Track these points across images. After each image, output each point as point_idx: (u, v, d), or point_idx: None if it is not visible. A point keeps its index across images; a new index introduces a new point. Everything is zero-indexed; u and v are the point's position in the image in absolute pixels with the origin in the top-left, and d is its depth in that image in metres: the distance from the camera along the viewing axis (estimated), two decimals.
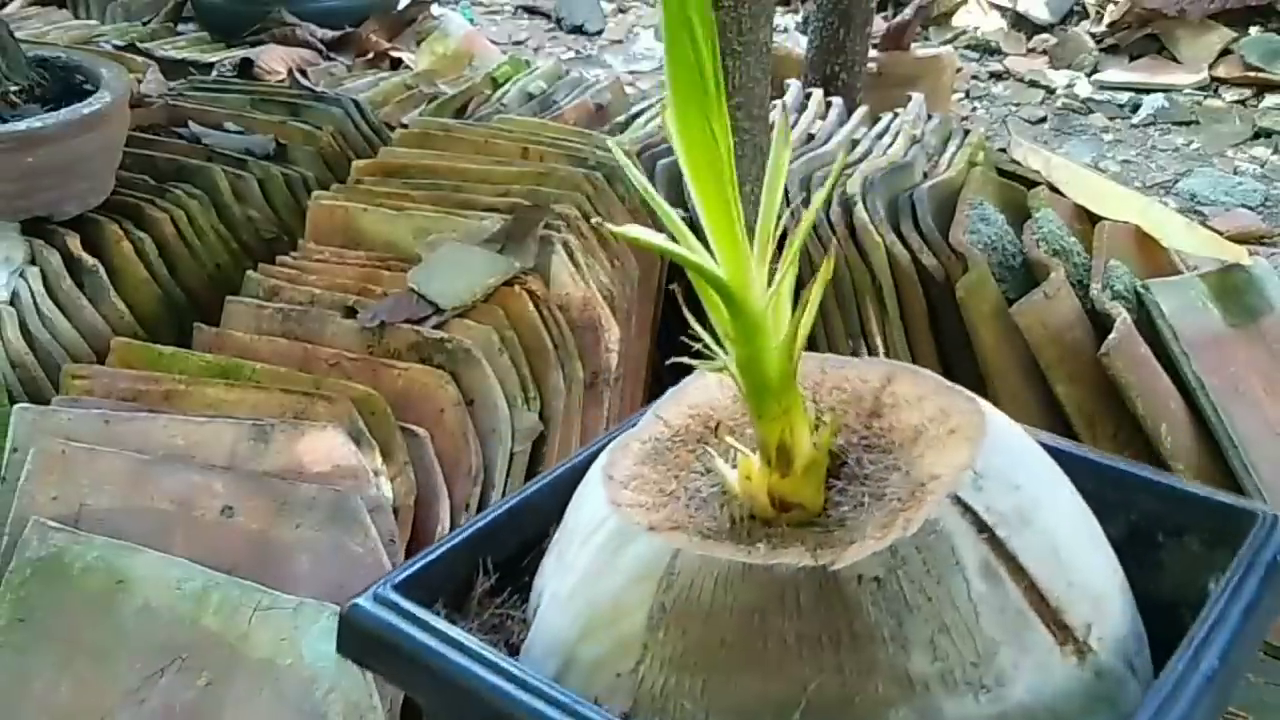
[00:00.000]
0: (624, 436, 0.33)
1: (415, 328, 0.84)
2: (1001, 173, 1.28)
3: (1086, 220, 1.19)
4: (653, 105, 1.42)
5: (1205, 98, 2.60)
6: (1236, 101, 2.57)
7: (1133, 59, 2.75)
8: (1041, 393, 1.09)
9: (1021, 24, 2.92)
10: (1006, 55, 2.85)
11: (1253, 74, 2.59)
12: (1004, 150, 1.51)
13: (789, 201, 1.19)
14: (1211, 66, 2.65)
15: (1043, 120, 2.57)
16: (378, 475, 0.73)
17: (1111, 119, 2.56)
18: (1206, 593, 0.31)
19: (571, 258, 0.94)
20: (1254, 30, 2.69)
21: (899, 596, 0.26)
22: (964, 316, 1.07)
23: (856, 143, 1.32)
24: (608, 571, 0.29)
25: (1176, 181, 2.27)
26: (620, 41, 3.02)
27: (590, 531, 0.30)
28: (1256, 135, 2.44)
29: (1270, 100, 2.55)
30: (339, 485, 0.71)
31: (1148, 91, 2.61)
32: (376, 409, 0.76)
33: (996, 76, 2.78)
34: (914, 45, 2.14)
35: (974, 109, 2.64)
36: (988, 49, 2.88)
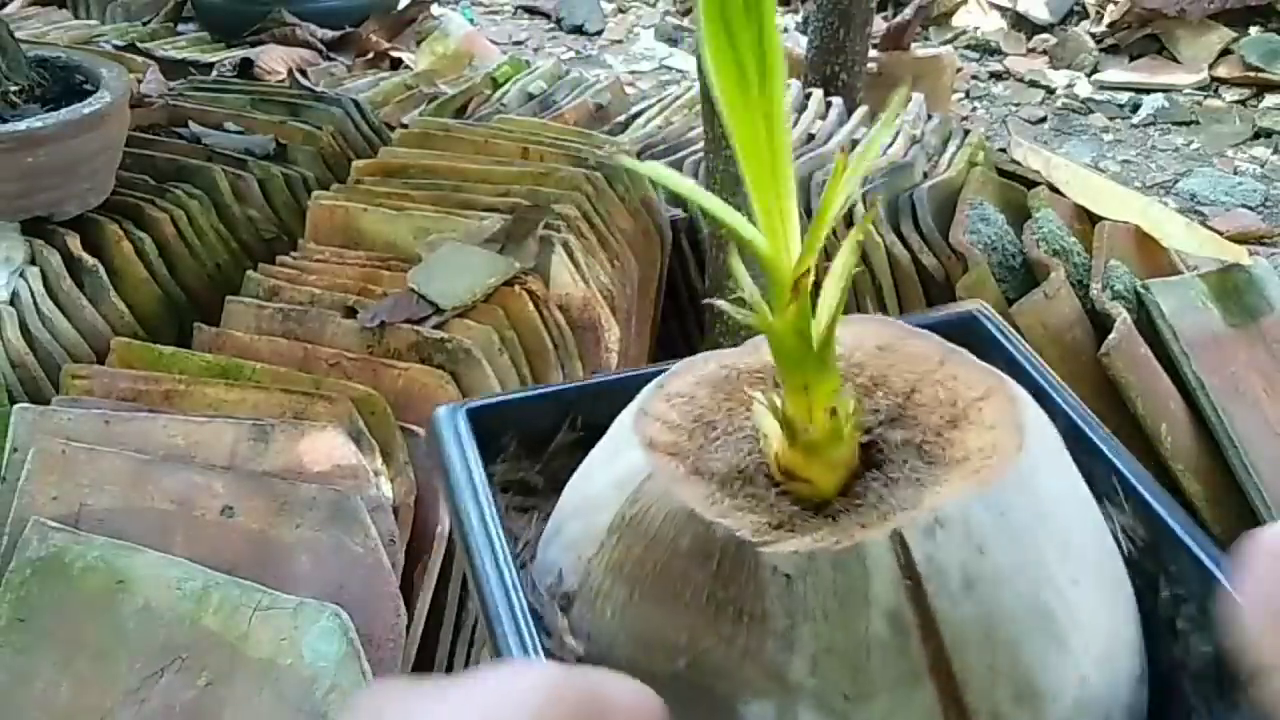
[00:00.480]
0: (707, 355, 0.33)
1: (415, 328, 0.84)
2: (1001, 173, 1.28)
3: (1086, 220, 1.19)
4: (653, 105, 1.42)
5: (1205, 98, 2.60)
6: (1236, 101, 2.57)
7: (1133, 59, 2.75)
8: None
9: (1021, 24, 2.93)
10: (1006, 55, 2.85)
11: (1253, 74, 2.59)
12: (1004, 150, 1.51)
13: None
14: (1211, 66, 2.65)
15: (1043, 120, 2.57)
16: (378, 475, 0.73)
17: (1111, 119, 2.56)
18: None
19: (571, 258, 0.94)
20: (1254, 30, 2.69)
21: (801, 602, 0.26)
22: None
23: (857, 143, 1.32)
24: (605, 467, 0.31)
25: (1176, 181, 2.27)
26: (620, 42, 3.02)
27: (618, 426, 0.31)
28: (1256, 135, 2.45)
29: (1270, 100, 2.55)
30: (339, 485, 0.71)
31: (1148, 91, 2.62)
32: (376, 409, 0.76)
33: (996, 76, 2.78)
34: (914, 45, 2.14)
35: (974, 109, 2.64)
36: (988, 49, 2.88)
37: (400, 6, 1.91)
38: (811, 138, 1.35)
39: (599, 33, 3.05)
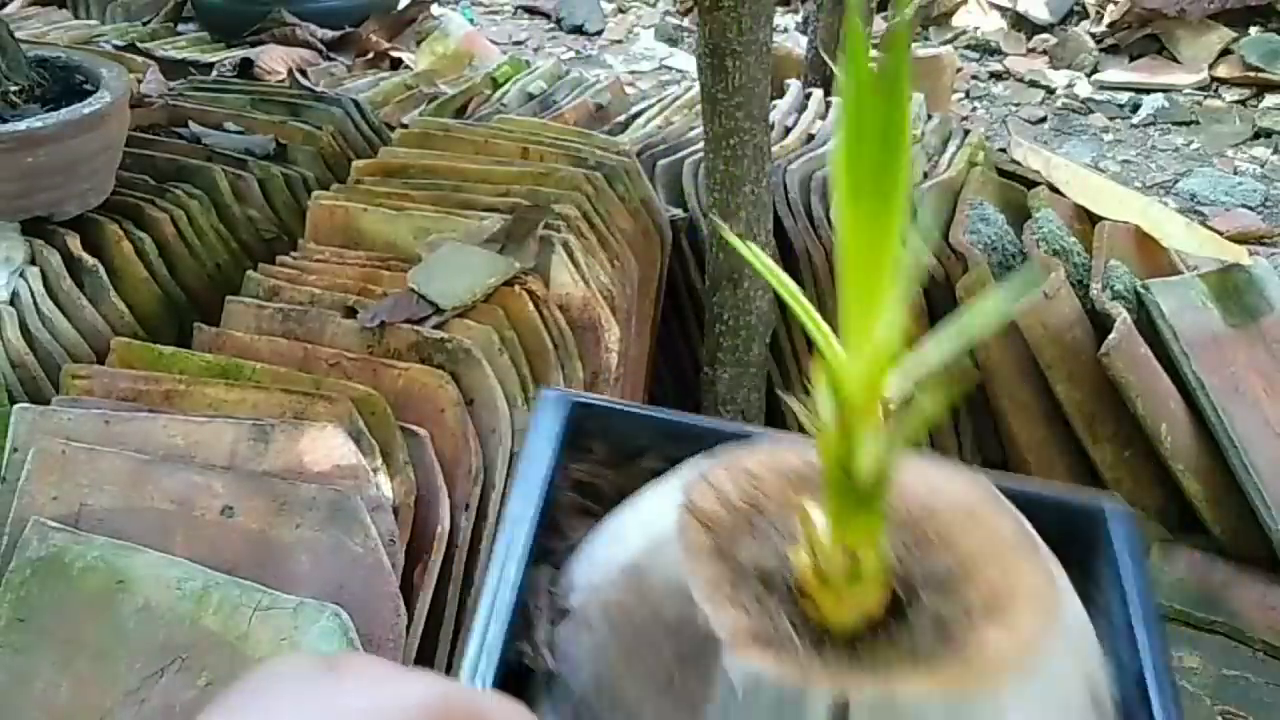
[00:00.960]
0: (800, 440, 0.31)
1: (415, 328, 0.84)
2: (1001, 173, 1.28)
3: (1086, 220, 1.19)
4: (653, 105, 1.42)
5: (1205, 98, 2.60)
6: (1236, 101, 2.57)
7: (1133, 59, 2.75)
8: (1041, 393, 1.09)
9: (1021, 24, 2.92)
10: (1006, 55, 2.85)
11: (1253, 74, 2.59)
12: (1004, 150, 1.51)
13: (790, 204, 1.19)
14: (1211, 66, 2.65)
15: (1043, 120, 2.57)
16: (378, 475, 0.73)
17: (1111, 119, 2.56)
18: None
19: (571, 258, 0.94)
20: (1254, 30, 2.69)
21: (739, 718, 0.26)
22: None
23: None
24: (649, 508, 0.30)
25: (1176, 181, 2.27)
26: (620, 42, 3.02)
27: (680, 476, 0.31)
28: (1256, 135, 2.45)
29: (1270, 100, 2.55)
30: (339, 485, 0.71)
31: (1148, 91, 2.61)
32: (376, 409, 0.76)
33: (996, 76, 2.78)
34: (914, 45, 2.14)
35: (974, 109, 2.64)
36: (988, 49, 2.88)
37: (400, 6, 1.91)
38: (811, 138, 1.35)
39: (599, 33, 3.05)
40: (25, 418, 0.74)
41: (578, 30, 3.05)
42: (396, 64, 1.73)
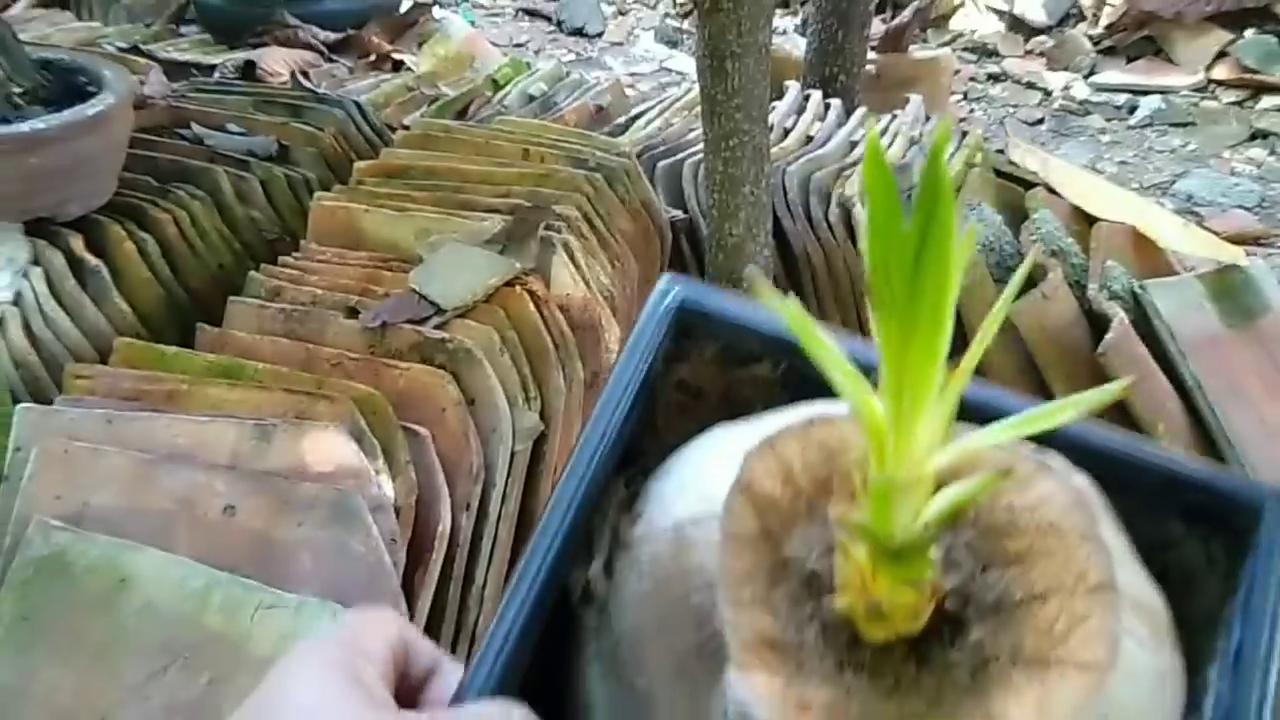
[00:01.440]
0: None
1: (416, 328, 0.84)
2: (999, 174, 1.29)
3: (1084, 221, 1.20)
4: (653, 107, 1.43)
5: (1202, 99, 2.61)
6: (1233, 103, 2.58)
7: (1130, 61, 2.76)
8: (1039, 392, 1.10)
9: (1019, 26, 2.93)
10: (1004, 57, 2.86)
11: (1249, 76, 2.60)
12: (1002, 151, 1.52)
13: (789, 205, 1.20)
14: (1208, 68, 2.66)
15: (1040, 122, 2.58)
16: (379, 474, 0.73)
17: (1109, 120, 2.57)
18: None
19: (572, 258, 0.94)
20: (1250, 32, 2.69)
21: None
22: (962, 317, 1.08)
23: (855, 144, 1.32)
24: (714, 460, 0.28)
25: (1173, 183, 2.27)
26: (621, 44, 3.03)
27: (752, 435, 0.28)
28: (1253, 137, 2.45)
29: (1267, 102, 2.56)
30: (341, 484, 0.71)
31: (1145, 93, 2.62)
32: (378, 409, 0.77)
33: (994, 78, 2.79)
34: (912, 47, 2.14)
35: (972, 111, 2.64)
36: (985, 51, 2.89)
37: (402, 9, 1.92)
38: (810, 139, 1.35)
39: (599, 35, 3.06)
40: (28, 417, 0.74)
41: (578, 32, 3.06)
42: (398, 66, 1.73)
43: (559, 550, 0.27)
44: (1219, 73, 2.64)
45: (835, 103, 1.45)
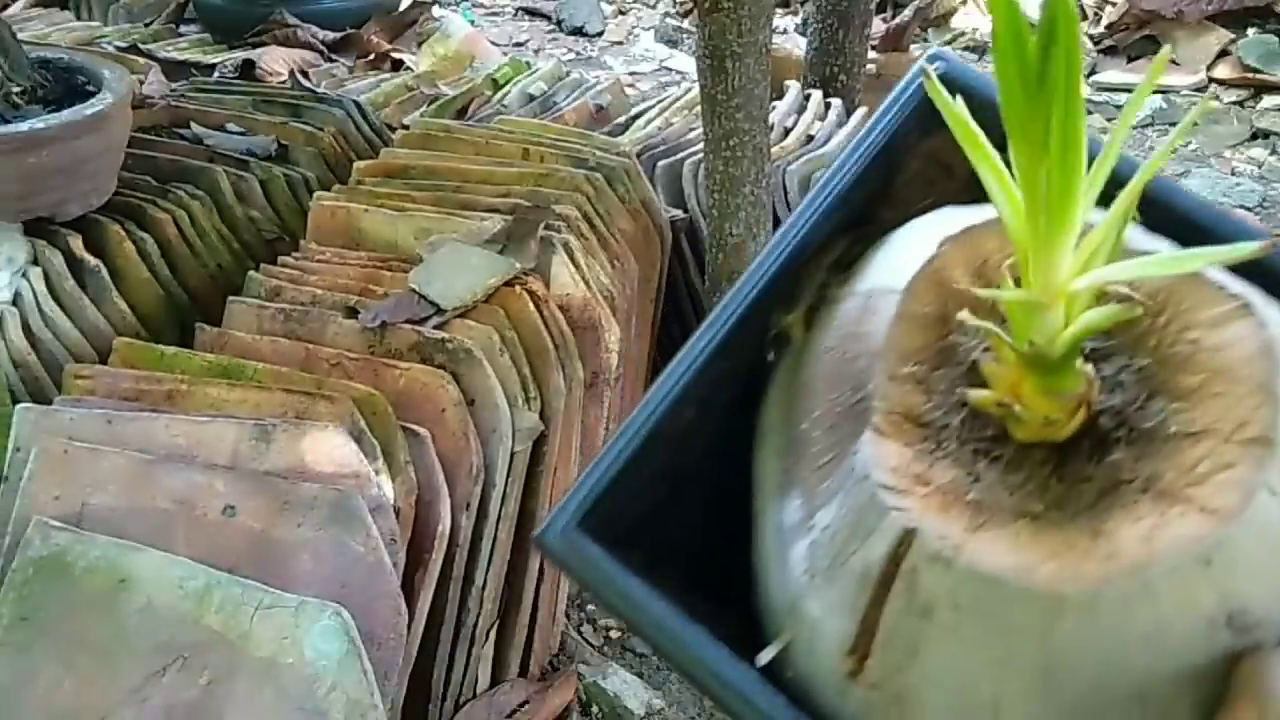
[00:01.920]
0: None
1: (416, 328, 0.84)
2: None
3: None
4: (653, 106, 1.42)
5: (1203, 99, 2.60)
6: (1234, 103, 2.58)
7: (1130, 60, 2.76)
8: None
9: None
10: None
11: (1250, 75, 2.60)
12: None
13: (790, 205, 1.19)
14: (1209, 68, 2.66)
15: None
16: (379, 475, 0.73)
17: (1110, 120, 2.57)
18: None
19: (572, 258, 0.94)
20: (1251, 32, 2.69)
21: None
22: None
23: None
24: (893, 268, 0.29)
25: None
26: (620, 43, 3.03)
27: (924, 242, 0.28)
28: (1254, 136, 2.45)
29: (1268, 101, 2.56)
30: (340, 485, 0.71)
31: None
32: (378, 409, 0.76)
33: None
34: (913, 47, 2.14)
35: None
36: (986, 50, 2.89)
37: (401, 8, 1.92)
38: (811, 138, 1.35)
39: (599, 34, 3.05)
40: (28, 417, 0.74)
41: (578, 32, 3.06)
42: (398, 65, 1.73)
43: (763, 290, 0.28)
44: (1220, 72, 2.64)
45: (836, 102, 1.45)
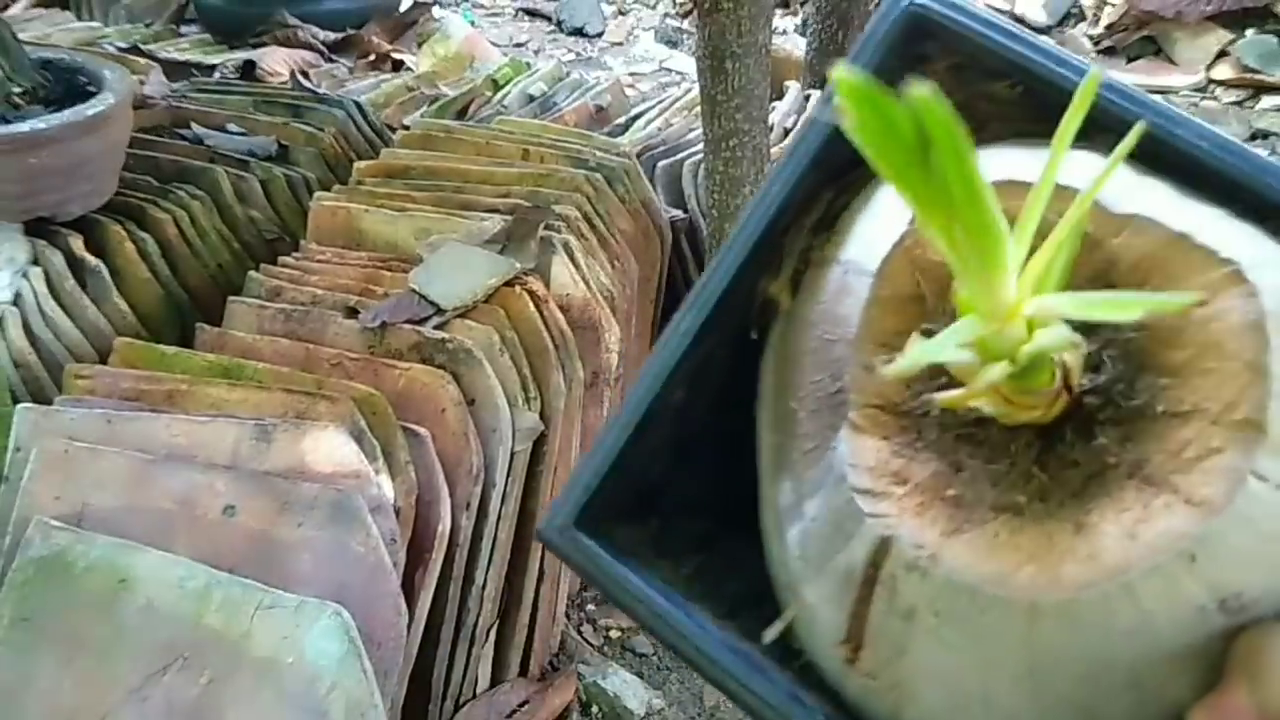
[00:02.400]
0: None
1: (416, 328, 0.84)
2: None
3: None
4: (653, 107, 1.43)
5: (1202, 99, 2.61)
6: (1234, 103, 2.58)
7: (1130, 61, 2.76)
8: None
9: (1019, 26, 2.93)
10: None
11: (1250, 76, 2.60)
12: None
13: None
14: (1209, 68, 2.66)
15: None
16: (379, 475, 0.73)
17: None
18: None
19: (572, 258, 0.94)
20: (1251, 32, 2.69)
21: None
22: None
23: None
24: (878, 236, 0.26)
25: None
26: (621, 44, 3.03)
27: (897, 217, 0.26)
28: (1253, 137, 2.45)
29: (1267, 102, 2.56)
30: (340, 485, 0.71)
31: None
32: (378, 409, 0.77)
33: None
34: None
35: None
36: None
37: (402, 9, 1.92)
38: None
39: (599, 35, 3.06)
40: (28, 417, 0.74)
41: (578, 32, 3.06)
42: (398, 66, 1.73)
43: (747, 258, 0.26)
44: (1219, 73, 2.64)
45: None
